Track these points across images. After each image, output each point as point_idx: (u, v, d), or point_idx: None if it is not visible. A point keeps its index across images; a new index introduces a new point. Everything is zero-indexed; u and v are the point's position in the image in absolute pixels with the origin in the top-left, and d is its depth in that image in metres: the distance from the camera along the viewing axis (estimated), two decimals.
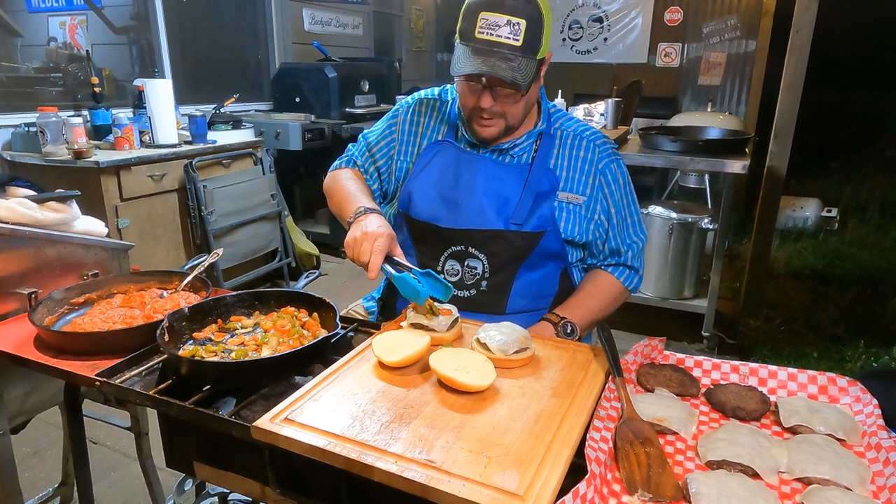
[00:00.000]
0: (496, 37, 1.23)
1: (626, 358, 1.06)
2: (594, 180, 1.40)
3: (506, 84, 1.26)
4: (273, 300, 1.34)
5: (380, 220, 1.26)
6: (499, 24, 1.23)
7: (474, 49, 1.26)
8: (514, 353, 1.06)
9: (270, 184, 3.74)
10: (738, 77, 6.30)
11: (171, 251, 3.24)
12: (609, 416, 0.91)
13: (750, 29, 6.12)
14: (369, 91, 4.71)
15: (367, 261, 1.19)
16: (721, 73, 6.30)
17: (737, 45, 6.23)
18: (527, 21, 1.23)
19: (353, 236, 1.23)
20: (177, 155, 3.17)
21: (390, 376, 1.03)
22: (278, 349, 1.17)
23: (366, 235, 1.21)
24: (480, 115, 1.34)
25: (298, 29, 5.03)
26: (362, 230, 1.22)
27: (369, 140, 1.57)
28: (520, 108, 1.34)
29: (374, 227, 1.22)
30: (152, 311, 1.33)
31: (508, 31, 1.23)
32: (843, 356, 3.15)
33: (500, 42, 1.23)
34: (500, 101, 1.31)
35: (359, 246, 1.21)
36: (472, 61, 1.25)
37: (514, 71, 1.23)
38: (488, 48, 1.24)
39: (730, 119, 4.95)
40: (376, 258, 1.18)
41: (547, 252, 1.37)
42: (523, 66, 1.24)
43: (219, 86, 4.44)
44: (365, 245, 1.20)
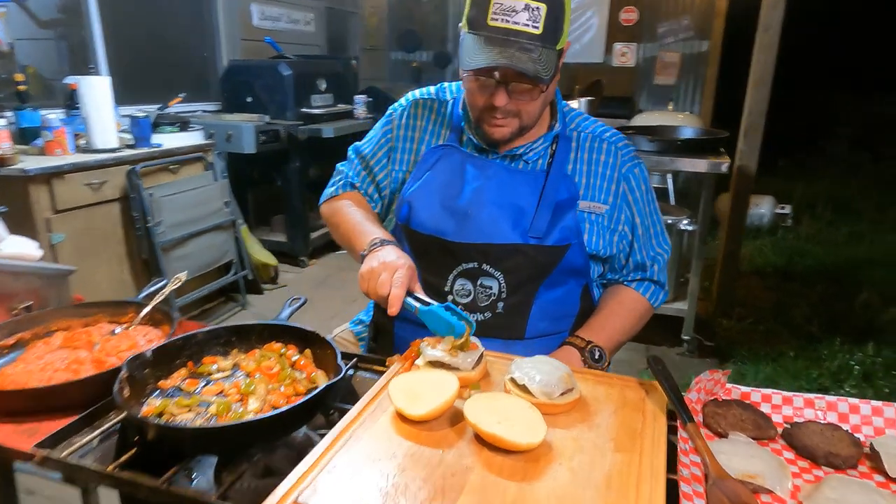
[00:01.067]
0: (512, 24, 1.07)
1: (689, 396, 0.91)
2: (617, 187, 1.25)
3: (525, 79, 1.10)
4: (254, 335, 1.12)
5: (398, 252, 1.13)
6: (515, 10, 1.06)
7: (487, 39, 1.09)
8: (559, 395, 0.90)
9: (223, 190, 3.45)
10: (693, 77, 6.38)
11: (113, 267, 2.91)
12: (693, 475, 0.76)
13: (703, 29, 6.20)
14: (326, 90, 4.46)
15: (386, 294, 1.05)
16: (676, 72, 6.35)
17: (691, 46, 6.30)
18: (547, 5, 1.07)
19: (369, 266, 1.10)
20: (118, 160, 2.86)
21: (417, 432, 0.85)
22: (268, 398, 0.96)
23: (385, 265, 1.08)
24: (493, 115, 1.18)
25: (247, 24, 4.72)
26: (381, 260, 1.09)
27: (364, 154, 1.39)
28: (537, 106, 1.18)
29: (393, 258, 1.10)
30: (103, 354, 1.09)
31: (527, 18, 1.06)
32: (819, 354, 3.15)
33: (516, 30, 1.07)
34: (515, 99, 1.15)
35: (376, 277, 1.07)
36: (485, 53, 1.08)
37: (535, 63, 1.07)
38: (503, 37, 1.07)
39: (692, 118, 4.97)
40: (398, 290, 1.05)
41: (570, 268, 1.21)
42: (544, 57, 1.08)
43: (162, 84, 4.09)
44: (384, 276, 1.07)
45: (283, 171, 4.18)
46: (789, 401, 0.93)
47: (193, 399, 0.95)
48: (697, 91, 6.37)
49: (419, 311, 1.05)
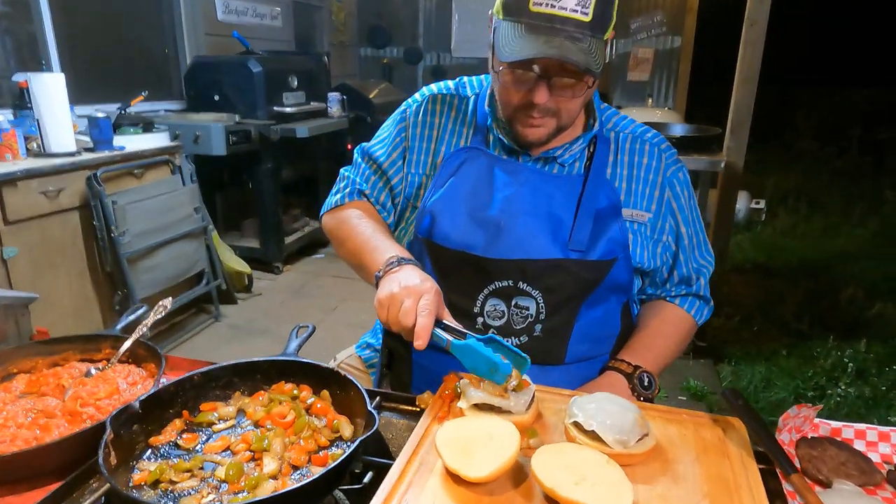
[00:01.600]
0: (559, 9, 0.93)
1: (781, 437, 0.79)
2: (661, 193, 1.13)
3: (571, 72, 0.96)
4: (259, 374, 0.96)
5: (420, 273, 0.98)
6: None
7: (528, 26, 0.95)
8: (636, 442, 0.77)
9: (193, 195, 3.22)
10: (666, 72, 6.38)
11: (74, 282, 2.67)
12: None
13: (675, 25, 6.20)
14: (298, 88, 4.25)
15: (411, 324, 0.90)
16: (649, 68, 6.34)
17: (663, 41, 6.30)
18: None
19: (388, 291, 0.95)
20: (76, 165, 2.61)
21: (476, 497, 0.71)
22: (286, 456, 0.80)
23: (407, 290, 0.93)
24: (529, 114, 1.04)
25: (211, 18, 4.46)
26: (402, 284, 0.94)
27: (376, 156, 1.23)
28: (577, 105, 1.05)
29: (416, 281, 0.95)
30: (77, 403, 0.91)
31: (575, 2, 0.93)
32: (811, 352, 3.13)
33: (563, 16, 0.93)
34: (556, 95, 1.01)
35: (398, 304, 0.92)
36: (528, 42, 0.94)
37: (586, 54, 0.93)
38: (548, 24, 0.94)
39: (671, 114, 4.95)
40: (425, 320, 0.89)
41: (613, 284, 1.09)
42: (595, 48, 0.95)
43: (121, 82, 3.81)
44: (407, 303, 0.91)
45: (255, 174, 3.96)
46: (886, 437, 0.83)
47: (195, 460, 0.79)
48: (671, 86, 6.38)
49: (452, 345, 0.90)
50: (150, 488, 0.75)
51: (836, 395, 2.75)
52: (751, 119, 3.35)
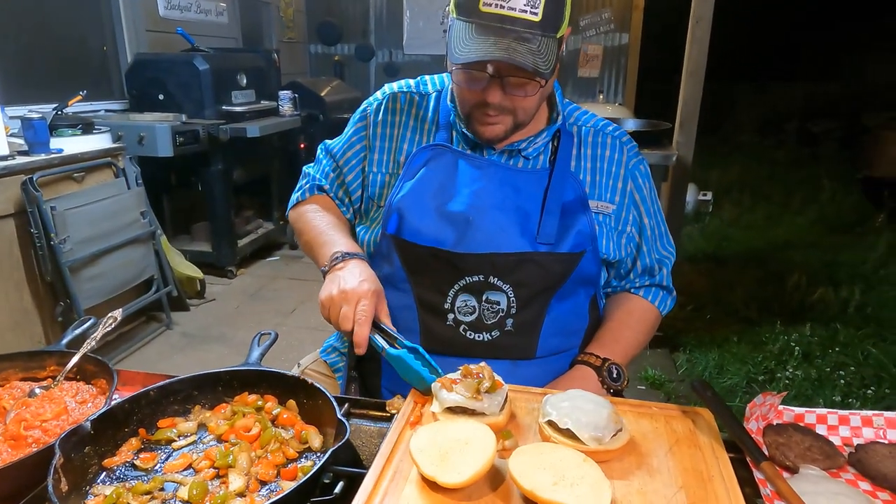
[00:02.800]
0: (508, 9, 0.92)
1: (749, 426, 0.81)
2: (623, 185, 1.14)
3: (523, 73, 0.96)
4: (221, 385, 0.92)
5: (361, 270, 1.01)
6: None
7: (479, 27, 0.94)
8: (611, 438, 0.77)
9: (139, 199, 3.08)
10: (615, 68, 6.52)
11: (10, 294, 2.51)
12: None
13: (623, 22, 6.34)
14: (247, 86, 4.12)
15: (348, 330, 0.95)
16: (599, 65, 6.46)
17: (612, 38, 6.43)
18: None
19: (328, 294, 0.99)
20: (10, 170, 2.46)
21: (454, 503, 0.69)
22: (253, 471, 0.77)
23: (345, 295, 0.97)
24: (484, 112, 1.03)
25: (152, 14, 4.28)
26: (340, 287, 0.98)
27: (333, 153, 1.23)
28: (533, 102, 1.05)
29: (353, 283, 0.98)
30: (21, 427, 0.85)
31: (524, 2, 0.92)
32: (760, 338, 3.25)
33: (513, 17, 0.93)
34: (510, 94, 1.01)
35: (337, 309, 0.97)
36: (478, 43, 0.94)
37: (534, 55, 0.93)
38: (498, 25, 0.93)
39: (622, 109, 5.06)
40: (362, 329, 0.94)
41: (582, 277, 1.10)
42: (544, 47, 0.95)
43: (56, 81, 3.61)
44: (345, 309, 0.96)
45: (204, 175, 3.82)
46: (846, 420, 0.85)
47: (155, 480, 0.75)
48: (620, 82, 6.52)
49: (386, 353, 0.94)
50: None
51: (784, 378, 2.87)
52: (698, 114, 3.46)
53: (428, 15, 6.35)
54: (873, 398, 2.68)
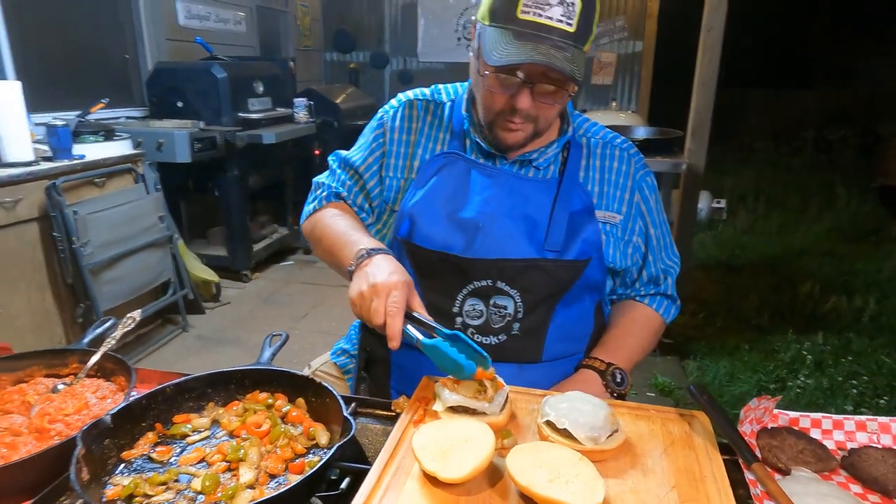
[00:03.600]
0: (545, 18, 0.96)
1: (743, 429, 0.83)
2: (631, 196, 1.17)
3: (554, 79, 0.99)
4: (233, 383, 0.96)
5: (389, 263, 0.98)
6: (549, 3, 0.95)
7: (516, 33, 0.97)
8: (606, 438, 0.80)
9: (157, 204, 3.16)
10: (629, 76, 6.52)
11: (33, 296, 2.59)
12: None
13: (636, 30, 6.35)
14: (263, 94, 4.21)
15: (380, 323, 0.91)
16: (612, 72, 6.48)
17: (625, 46, 6.44)
18: (582, 1, 0.96)
19: (358, 290, 0.96)
20: (34, 175, 2.54)
21: (454, 498, 0.72)
22: (262, 465, 0.80)
23: (375, 289, 0.93)
24: (510, 119, 1.06)
25: (172, 24, 4.38)
26: (370, 282, 0.94)
27: (352, 162, 1.24)
28: (555, 111, 1.08)
29: (383, 276, 0.94)
30: (45, 420, 0.90)
31: (561, 13, 0.95)
32: (772, 346, 3.24)
33: (550, 25, 0.96)
34: (537, 101, 1.03)
35: (368, 304, 0.93)
36: (517, 48, 0.96)
37: (569, 63, 0.96)
38: (535, 32, 0.96)
39: (635, 117, 5.05)
40: (394, 321, 0.90)
41: (587, 284, 1.12)
42: (576, 57, 0.98)
43: (79, 89, 3.71)
44: (376, 303, 0.92)
45: (221, 181, 3.90)
46: (840, 425, 0.87)
47: (170, 473, 0.79)
48: (634, 90, 6.53)
49: (421, 343, 0.91)
50: (123, 503, 0.74)
51: (795, 387, 2.86)
52: (710, 122, 3.47)
53: (442, 23, 6.41)
54: (886, 408, 2.66)
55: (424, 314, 0.93)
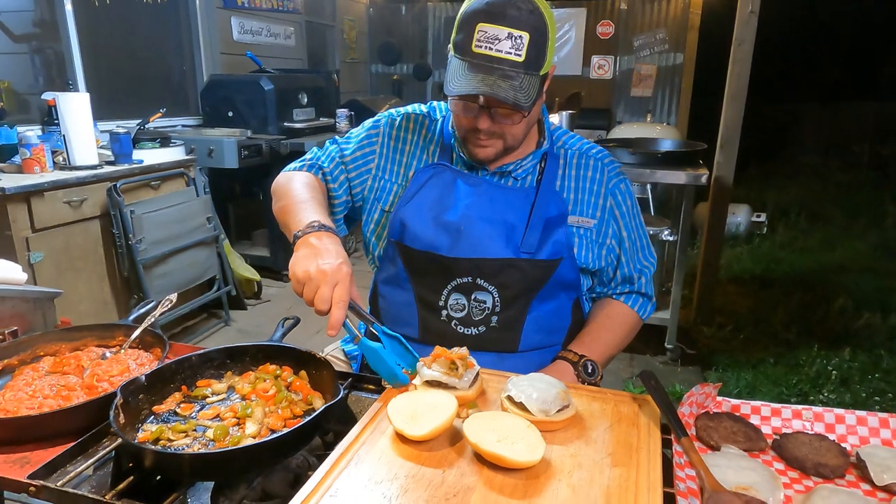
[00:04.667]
0: (495, 52, 1.09)
1: (682, 410, 0.93)
2: (604, 202, 1.28)
3: (506, 105, 1.12)
4: (248, 357, 1.12)
5: (338, 251, 1.03)
6: (499, 38, 1.09)
7: (471, 65, 1.11)
8: (556, 412, 0.91)
9: (206, 206, 3.42)
10: (669, 88, 6.52)
11: (94, 285, 2.86)
12: (690, 489, 0.78)
13: (677, 42, 6.35)
14: (308, 104, 4.46)
15: (325, 311, 0.97)
16: (652, 84, 6.49)
17: (666, 58, 6.45)
18: (530, 34, 1.09)
19: (304, 269, 0.99)
20: (98, 177, 2.82)
21: (417, 453, 0.85)
22: (265, 421, 0.96)
23: (323, 275, 0.98)
24: (477, 136, 1.20)
25: (227, 38, 4.71)
26: (319, 267, 0.99)
27: (342, 148, 1.36)
28: (520, 129, 1.20)
29: (331, 263, 0.99)
30: (94, 379, 1.08)
31: (510, 46, 1.09)
32: (797, 361, 3.22)
33: (499, 58, 1.09)
34: (498, 122, 1.17)
35: (314, 288, 0.98)
36: (468, 79, 1.11)
37: (515, 90, 1.09)
38: (487, 64, 1.10)
39: (670, 129, 5.07)
40: (340, 313, 0.97)
41: (561, 282, 1.24)
42: (525, 84, 1.11)
43: (140, 99, 4.05)
44: (324, 290, 0.97)
45: (265, 186, 4.13)
46: (777, 412, 0.96)
47: (189, 424, 0.95)
48: (674, 102, 6.51)
49: (361, 342, 1.01)
50: (151, 444, 0.91)
51: (818, 402, 2.84)
52: (739, 135, 3.48)
53: None
54: None
55: (363, 307, 1.04)
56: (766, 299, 4.12)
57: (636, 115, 6.50)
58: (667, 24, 6.36)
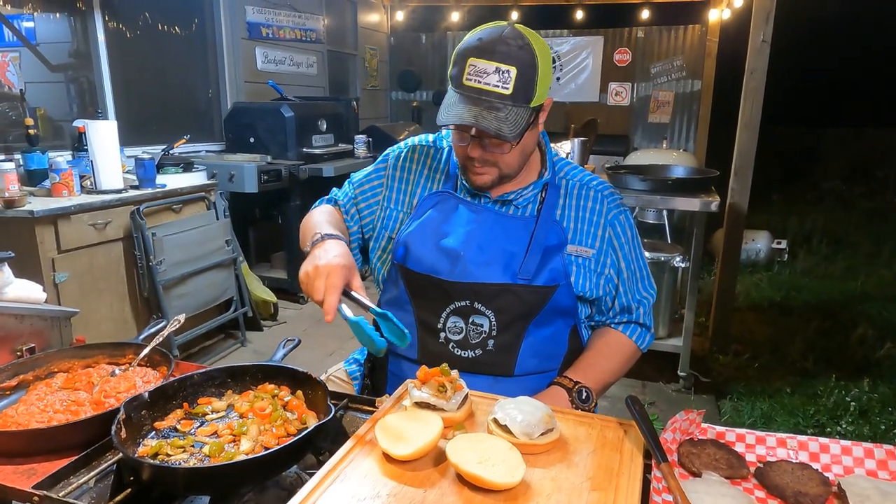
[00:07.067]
0: (484, 84, 1.14)
1: (665, 436, 0.94)
2: (603, 232, 1.31)
3: (491, 135, 1.16)
4: (248, 376, 1.16)
5: (336, 248, 1.13)
6: (487, 72, 1.14)
7: (462, 96, 1.17)
8: (539, 435, 0.93)
9: (225, 229, 3.52)
10: (686, 115, 6.53)
11: (115, 305, 2.96)
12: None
13: (695, 70, 6.38)
14: (327, 131, 4.58)
15: (319, 300, 1.07)
16: (670, 111, 6.51)
17: (683, 85, 6.47)
18: (517, 68, 1.14)
19: (305, 270, 1.11)
20: (122, 201, 2.93)
21: (401, 472, 0.88)
22: (259, 439, 0.99)
23: (318, 270, 1.08)
24: (472, 164, 1.25)
25: (251, 68, 4.88)
26: (314, 263, 1.10)
27: (353, 181, 1.47)
28: (513, 157, 1.24)
29: (327, 259, 1.09)
30: (102, 395, 1.13)
31: (497, 79, 1.14)
32: (815, 391, 3.16)
33: (487, 90, 1.14)
34: (489, 151, 1.22)
35: (311, 283, 1.08)
36: (457, 110, 1.16)
37: (500, 122, 1.14)
38: (476, 96, 1.15)
39: (686, 156, 5.07)
40: (331, 298, 1.05)
41: (558, 308, 1.26)
42: (512, 115, 1.15)
43: (167, 126, 4.21)
44: (318, 282, 1.07)
45: (284, 210, 4.26)
46: (762, 440, 0.96)
47: (188, 440, 0.99)
48: (692, 129, 6.52)
49: (348, 320, 1.06)
50: (149, 459, 0.95)
51: (835, 433, 2.78)
52: (753, 162, 3.48)
53: None
54: None
55: (362, 295, 1.09)
56: (785, 327, 4.05)
57: (653, 141, 6.52)
58: (684, 52, 6.40)
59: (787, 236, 5.85)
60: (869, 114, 9.32)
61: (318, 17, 5.68)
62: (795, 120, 9.02)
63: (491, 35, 1.15)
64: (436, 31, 7.36)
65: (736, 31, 5.93)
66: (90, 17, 3.70)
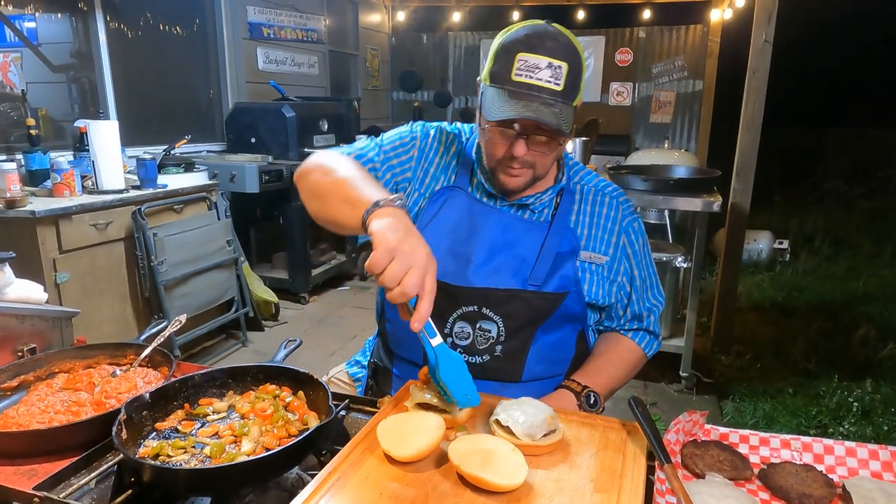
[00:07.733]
0: (536, 80, 1.11)
1: (668, 437, 0.94)
2: (617, 240, 1.30)
3: (547, 131, 1.14)
4: (249, 377, 1.16)
5: (422, 238, 0.92)
6: (539, 67, 1.11)
7: (511, 93, 1.13)
8: (542, 437, 0.93)
9: (226, 229, 3.52)
10: (688, 115, 6.52)
11: (116, 305, 2.95)
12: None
13: (696, 70, 6.37)
14: (328, 131, 4.58)
15: (410, 295, 0.86)
16: (671, 111, 6.51)
17: (685, 85, 6.47)
18: (569, 64, 1.12)
19: (398, 238, 0.87)
20: (123, 201, 2.93)
21: (402, 473, 0.87)
22: (261, 440, 0.99)
23: (415, 257, 0.87)
24: (510, 165, 1.20)
25: (252, 68, 4.88)
26: (412, 244, 0.88)
27: (383, 145, 1.32)
28: (551, 159, 1.22)
29: (423, 250, 0.89)
30: (103, 396, 1.13)
31: (549, 75, 1.11)
32: (817, 391, 3.15)
33: (539, 86, 1.11)
34: (532, 150, 1.18)
35: (405, 266, 0.86)
36: (510, 105, 1.12)
37: (557, 117, 1.11)
38: (527, 91, 1.11)
39: (687, 156, 5.06)
40: (427, 304, 0.87)
41: (567, 314, 1.25)
42: (564, 112, 1.13)
43: (168, 126, 4.21)
44: (415, 275, 0.86)
45: (285, 210, 4.26)
46: (766, 442, 0.96)
47: (189, 441, 0.98)
48: (693, 128, 6.51)
49: (442, 345, 0.93)
50: (150, 460, 0.94)
51: (837, 434, 2.77)
52: (755, 162, 3.48)
53: None
54: None
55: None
56: (787, 327, 4.05)
57: (655, 141, 6.51)
58: (685, 52, 6.39)
59: (788, 236, 5.84)
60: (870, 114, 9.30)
61: (320, 17, 5.68)
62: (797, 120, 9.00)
63: (535, 30, 1.12)
64: (437, 31, 7.36)
65: (737, 31, 5.93)
66: (91, 18, 3.70)
